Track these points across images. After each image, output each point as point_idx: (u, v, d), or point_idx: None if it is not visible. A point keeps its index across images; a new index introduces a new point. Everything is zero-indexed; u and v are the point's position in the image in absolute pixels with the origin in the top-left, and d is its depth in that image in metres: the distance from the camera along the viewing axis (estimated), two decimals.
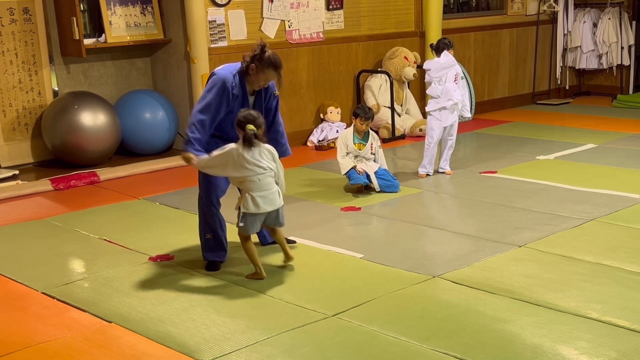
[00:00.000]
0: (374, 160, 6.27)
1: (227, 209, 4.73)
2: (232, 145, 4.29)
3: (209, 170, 4.43)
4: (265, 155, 4.33)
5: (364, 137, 6.23)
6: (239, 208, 4.38)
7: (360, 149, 6.20)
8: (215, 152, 4.31)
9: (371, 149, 6.24)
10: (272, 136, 4.62)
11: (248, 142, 4.22)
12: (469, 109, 6.83)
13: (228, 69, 4.48)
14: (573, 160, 7.18)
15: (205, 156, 4.35)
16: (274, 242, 4.79)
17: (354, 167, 6.13)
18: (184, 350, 3.56)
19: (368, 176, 6.13)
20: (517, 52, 10.56)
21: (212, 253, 4.65)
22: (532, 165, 7.03)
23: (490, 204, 5.80)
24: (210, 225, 4.64)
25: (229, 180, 4.59)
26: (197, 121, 4.40)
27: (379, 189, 6.15)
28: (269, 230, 4.70)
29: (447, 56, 6.56)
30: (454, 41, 6.79)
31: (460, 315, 3.84)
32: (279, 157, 4.50)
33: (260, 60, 4.38)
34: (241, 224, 4.37)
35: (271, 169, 4.35)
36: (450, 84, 6.57)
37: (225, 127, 4.53)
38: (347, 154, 6.22)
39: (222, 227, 4.69)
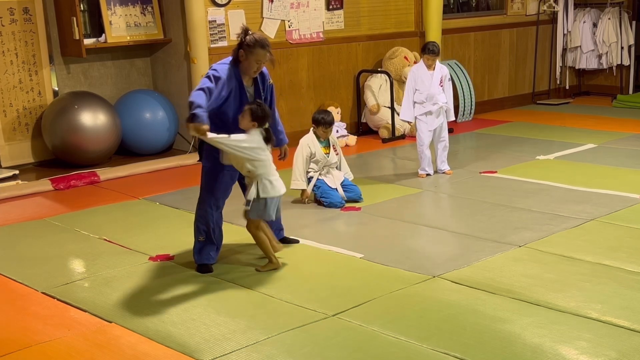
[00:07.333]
0: (337, 167, 6.07)
1: (227, 209, 4.74)
2: (243, 137, 4.32)
3: (220, 146, 4.33)
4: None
5: (325, 140, 6.00)
6: (257, 197, 4.38)
7: (326, 153, 5.94)
8: (234, 136, 4.32)
9: (335, 151, 6.03)
10: (271, 125, 4.58)
11: (267, 140, 4.38)
12: (452, 113, 6.84)
13: (222, 62, 4.49)
14: (573, 160, 7.18)
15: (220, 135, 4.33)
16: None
17: (303, 193, 5.88)
18: (184, 350, 3.56)
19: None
20: (517, 52, 10.56)
21: (203, 256, 4.60)
22: (532, 165, 7.03)
23: (490, 204, 5.80)
24: (205, 226, 4.57)
25: (233, 179, 4.57)
26: (200, 89, 4.25)
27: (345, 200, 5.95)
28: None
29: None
30: (454, 41, 6.76)
31: (460, 315, 3.84)
32: (278, 145, 4.72)
33: (246, 43, 4.40)
34: (259, 211, 4.40)
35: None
36: (435, 88, 6.62)
37: (225, 121, 4.45)
38: (309, 168, 5.90)
39: (219, 227, 4.64)
